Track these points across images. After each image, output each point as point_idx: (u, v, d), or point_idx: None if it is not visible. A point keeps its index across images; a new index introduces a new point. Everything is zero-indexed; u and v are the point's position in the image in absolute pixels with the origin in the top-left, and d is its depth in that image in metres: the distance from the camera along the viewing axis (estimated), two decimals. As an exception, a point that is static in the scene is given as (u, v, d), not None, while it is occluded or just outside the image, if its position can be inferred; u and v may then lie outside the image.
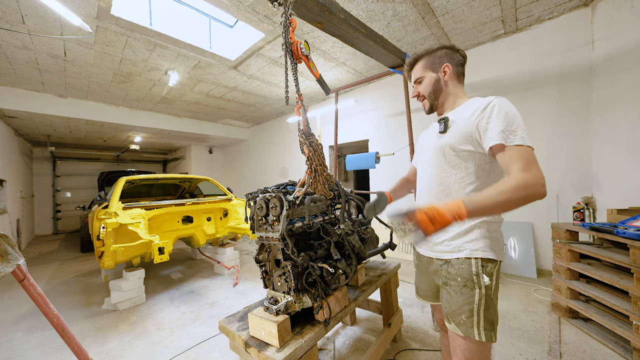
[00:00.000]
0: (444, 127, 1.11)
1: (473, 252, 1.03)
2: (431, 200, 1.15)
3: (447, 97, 1.19)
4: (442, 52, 1.18)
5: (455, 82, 1.18)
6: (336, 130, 3.57)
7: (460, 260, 1.05)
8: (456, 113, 1.12)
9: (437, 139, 1.14)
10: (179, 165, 10.48)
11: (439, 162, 1.12)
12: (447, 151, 1.09)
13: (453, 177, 1.09)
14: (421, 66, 1.21)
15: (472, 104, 1.07)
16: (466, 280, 1.03)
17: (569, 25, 3.17)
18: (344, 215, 1.55)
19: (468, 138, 1.03)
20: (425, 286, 1.31)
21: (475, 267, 1.02)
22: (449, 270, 1.08)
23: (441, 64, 1.17)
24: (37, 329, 2.60)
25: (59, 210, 8.93)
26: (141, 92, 5.11)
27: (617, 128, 2.80)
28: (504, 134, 0.94)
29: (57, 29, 3.02)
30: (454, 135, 1.07)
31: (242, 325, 1.36)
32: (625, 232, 1.88)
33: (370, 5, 2.87)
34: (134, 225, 2.69)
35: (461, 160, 1.06)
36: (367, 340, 2.23)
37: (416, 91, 1.26)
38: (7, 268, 1.17)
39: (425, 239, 0.89)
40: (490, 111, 0.99)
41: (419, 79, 1.22)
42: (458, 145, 1.06)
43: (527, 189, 0.85)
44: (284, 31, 1.37)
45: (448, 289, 1.09)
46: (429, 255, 1.19)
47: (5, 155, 5.54)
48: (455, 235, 1.07)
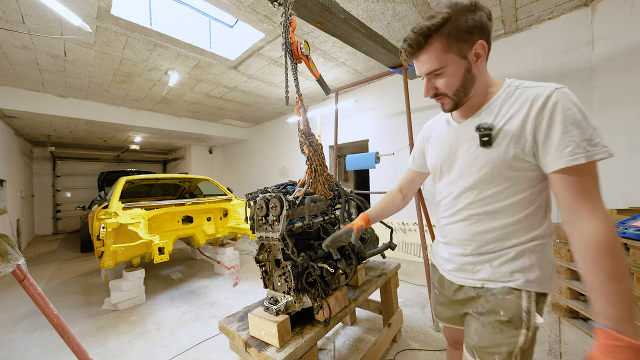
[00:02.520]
0: (489, 139, 0.80)
1: (528, 283, 0.81)
2: (469, 229, 0.90)
3: (478, 89, 0.84)
4: (468, 20, 0.75)
5: (484, 64, 0.83)
6: (336, 130, 3.57)
7: (506, 289, 0.83)
8: (496, 112, 0.82)
9: (478, 154, 0.84)
10: (179, 165, 10.48)
11: (483, 184, 0.85)
12: (497, 172, 0.81)
13: (504, 202, 0.83)
14: (439, 49, 0.78)
15: (520, 98, 0.77)
16: (512, 315, 0.81)
17: (569, 25, 3.17)
18: (344, 215, 1.55)
19: (524, 150, 0.76)
20: (448, 313, 1.07)
21: (527, 301, 0.80)
22: (488, 299, 0.86)
23: (471, 42, 0.77)
24: (37, 329, 2.60)
25: (59, 210, 8.93)
26: (141, 92, 5.11)
27: (617, 128, 2.80)
28: (582, 149, 0.68)
29: (57, 29, 3.02)
30: (506, 149, 0.78)
31: (242, 325, 1.36)
32: (625, 232, 1.88)
33: (370, 5, 2.87)
34: (134, 225, 2.69)
35: (515, 179, 0.80)
36: (367, 340, 2.23)
37: (432, 89, 0.85)
38: (7, 268, 1.17)
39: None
40: (551, 113, 0.71)
41: (438, 70, 0.80)
42: (513, 162, 0.78)
43: (620, 246, 0.65)
44: (284, 31, 1.37)
45: (482, 320, 0.87)
46: (460, 283, 0.96)
47: (5, 155, 5.54)
48: (504, 260, 0.85)
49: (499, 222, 0.84)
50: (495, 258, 0.86)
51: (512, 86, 0.82)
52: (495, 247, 0.86)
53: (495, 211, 0.85)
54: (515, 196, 0.81)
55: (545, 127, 0.72)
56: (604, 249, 0.64)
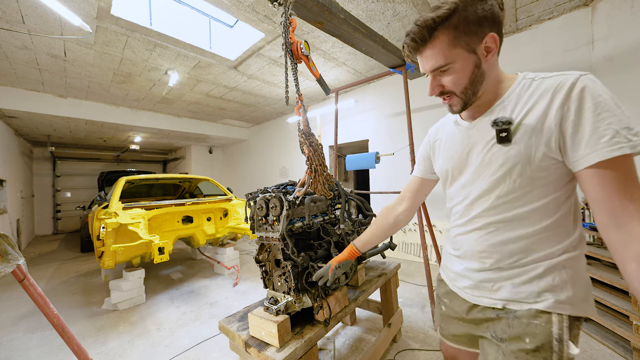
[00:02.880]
0: (507, 135, 0.70)
1: (559, 305, 0.69)
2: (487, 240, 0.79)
3: (488, 86, 0.76)
4: (479, 9, 0.67)
5: (496, 58, 0.75)
6: (336, 130, 3.57)
7: (533, 312, 0.71)
8: (512, 106, 0.72)
9: (495, 153, 0.74)
10: (179, 165, 10.48)
11: (502, 186, 0.74)
12: (517, 171, 0.71)
13: (527, 206, 0.72)
14: (445, 43, 0.70)
15: (539, 88, 0.69)
16: (540, 344, 0.69)
17: (569, 25, 3.17)
18: (344, 215, 1.55)
19: (548, 145, 0.67)
20: (458, 332, 0.94)
21: (559, 327, 0.68)
22: (511, 323, 0.74)
23: (481, 34, 0.69)
24: (37, 329, 2.60)
25: (59, 210, 8.93)
26: (141, 92, 5.11)
27: (617, 128, 2.80)
28: (623, 137, 0.58)
29: (57, 29, 3.02)
30: (527, 144, 0.69)
31: (242, 325, 1.36)
32: (625, 232, 1.88)
33: (370, 5, 2.87)
34: (134, 225, 2.69)
35: (539, 180, 0.70)
36: (367, 340, 2.23)
37: (438, 87, 0.77)
38: (7, 268, 1.17)
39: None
40: (579, 101, 0.63)
41: (444, 67, 0.72)
42: (536, 160, 0.68)
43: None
44: (284, 31, 1.37)
45: (503, 348, 0.74)
46: (478, 302, 0.83)
47: (5, 155, 5.54)
48: (530, 277, 0.73)
49: (522, 231, 0.73)
50: (519, 274, 0.74)
51: (527, 79, 0.74)
52: (518, 261, 0.74)
53: (516, 218, 0.74)
54: (539, 200, 0.71)
55: (574, 117, 0.63)
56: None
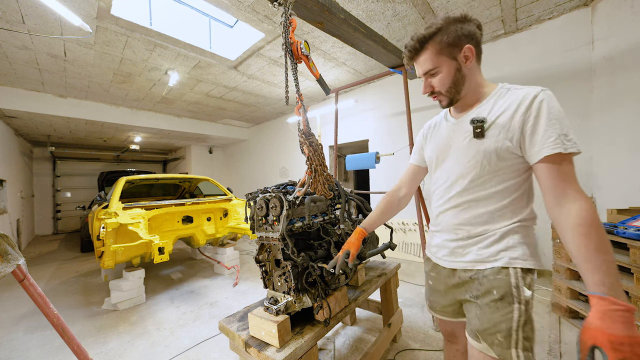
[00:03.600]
0: (481, 131, 0.91)
1: (512, 260, 0.89)
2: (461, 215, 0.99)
3: (469, 88, 0.96)
4: (457, 28, 0.90)
5: (476, 66, 0.95)
6: (336, 130, 3.57)
7: (496, 269, 0.91)
8: (489, 109, 0.92)
9: (471, 145, 0.94)
10: (179, 165, 10.48)
11: (474, 172, 0.94)
12: (487, 160, 0.91)
13: (492, 189, 0.92)
14: (433, 52, 0.93)
15: (510, 97, 0.89)
16: (504, 293, 0.88)
17: (569, 25, 3.17)
18: (344, 215, 1.55)
19: (512, 141, 0.87)
20: (445, 301, 1.12)
21: (515, 278, 0.88)
22: (481, 282, 0.93)
23: (460, 46, 0.90)
24: (37, 329, 2.60)
25: (59, 210, 8.93)
26: (141, 92, 5.11)
27: (617, 128, 2.80)
28: (561, 140, 0.79)
29: (57, 29, 3.02)
30: (496, 140, 0.88)
31: (242, 325, 1.36)
32: (625, 232, 1.88)
33: (370, 5, 2.87)
34: (134, 225, 2.69)
35: (503, 169, 0.90)
36: (367, 340, 2.23)
37: (429, 86, 0.99)
38: (7, 268, 1.17)
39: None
40: (538, 109, 0.82)
41: (432, 70, 0.95)
42: (502, 152, 0.88)
43: (600, 224, 0.73)
44: (284, 31, 1.37)
45: (479, 302, 0.93)
46: (452, 267, 1.03)
47: (5, 155, 5.54)
48: (490, 242, 0.93)
49: (488, 208, 0.94)
50: (482, 241, 0.95)
51: (504, 88, 0.94)
52: (483, 230, 0.95)
53: (484, 197, 0.94)
54: (502, 184, 0.91)
55: (533, 121, 0.83)
56: (591, 224, 0.72)
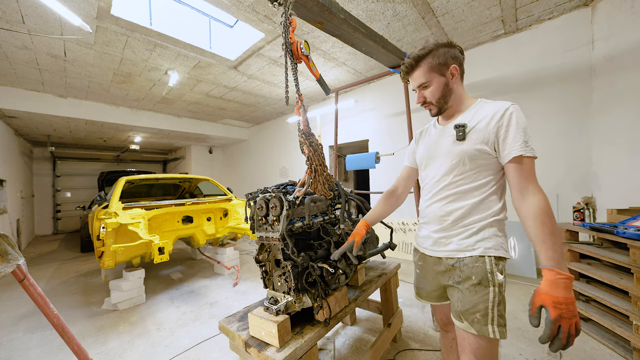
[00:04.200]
0: (462, 134, 1.09)
1: (487, 250, 1.05)
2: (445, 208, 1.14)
3: (455, 99, 1.16)
4: (445, 51, 1.11)
5: (459, 82, 1.16)
6: (336, 130, 3.57)
7: (474, 258, 1.06)
8: (470, 117, 1.11)
9: (454, 146, 1.11)
10: (179, 165, 10.47)
11: (457, 169, 1.11)
12: (467, 159, 1.08)
13: (472, 184, 1.09)
14: (425, 70, 1.13)
15: (487, 109, 1.08)
16: (481, 278, 1.04)
17: (569, 25, 3.17)
18: (344, 215, 1.55)
19: (487, 144, 1.04)
20: (430, 287, 1.28)
21: (490, 265, 1.03)
22: (462, 269, 1.08)
23: (447, 65, 1.11)
24: (37, 329, 2.60)
25: (59, 210, 8.92)
26: (141, 92, 5.11)
27: (617, 128, 2.80)
28: (526, 146, 0.97)
29: (57, 29, 3.02)
30: (475, 142, 1.06)
31: (242, 325, 1.36)
32: (625, 232, 1.88)
33: (370, 5, 2.87)
34: (134, 225, 2.68)
35: (480, 167, 1.08)
36: (367, 340, 2.23)
37: (422, 97, 1.18)
38: (7, 268, 1.17)
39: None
40: (509, 119, 1.01)
41: (425, 83, 1.14)
42: (479, 152, 1.05)
43: (553, 214, 0.93)
44: (284, 31, 1.37)
45: (460, 287, 1.08)
46: (437, 255, 1.18)
47: (5, 155, 5.54)
48: (469, 234, 1.09)
49: (467, 201, 1.09)
50: (462, 232, 1.10)
51: (482, 102, 1.14)
52: (463, 222, 1.10)
53: (464, 192, 1.10)
54: (480, 180, 1.08)
55: (505, 128, 1.01)
56: (546, 214, 0.92)
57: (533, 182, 0.97)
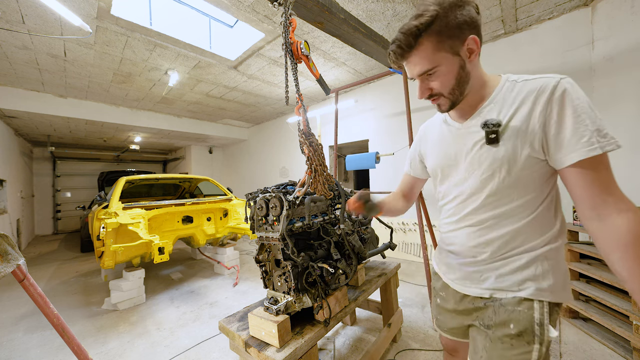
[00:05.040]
0: (496, 136, 0.74)
1: (540, 292, 0.75)
2: (478, 236, 0.84)
3: (473, 86, 0.79)
4: (457, 15, 0.70)
5: (478, 59, 0.79)
6: (336, 130, 3.57)
7: (516, 299, 0.77)
8: (498, 109, 0.76)
9: (485, 153, 0.78)
10: (179, 165, 10.47)
11: (492, 184, 0.78)
12: (505, 170, 0.75)
13: (515, 202, 0.77)
14: (431, 47, 0.73)
15: (523, 90, 0.73)
16: (523, 329, 0.74)
17: (569, 25, 3.17)
18: (344, 215, 1.55)
19: (532, 145, 0.71)
20: (452, 324, 0.99)
21: (540, 313, 0.74)
22: (496, 310, 0.80)
23: (462, 37, 0.72)
24: (37, 329, 2.60)
25: (59, 210, 8.92)
26: (141, 92, 5.11)
27: (617, 128, 2.80)
28: (596, 139, 0.64)
29: (57, 29, 3.02)
30: (514, 145, 0.73)
31: (242, 325, 1.36)
32: (625, 232, 1.88)
33: (370, 5, 2.87)
34: (134, 225, 2.68)
35: (525, 177, 0.75)
36: (367, 340, 2.23)
37: (427, 89, 0.80)
38: (7, 268, 1.17)
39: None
40: (560, 103, 0.67)
41: (432, 69, 0.76)
42: (524, 159, 0.73)
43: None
44: (284, 31, 1.37)
45: (490, 334, 0.80)
46: (467, 292, 0.89)
47: (5, 155, 5.54)
48: (515, 268, 0.78)
49: (509, 227, 0.78)
50: (504, 265, 0.80)
51: (510, 81, 0.78)
52: (505, 253, 0.80)
53: (504, 214, 0.79)
54: (524, 197, 0.76)
55: (556, 118, 0.68)
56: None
57: (613, 193, 0.64)
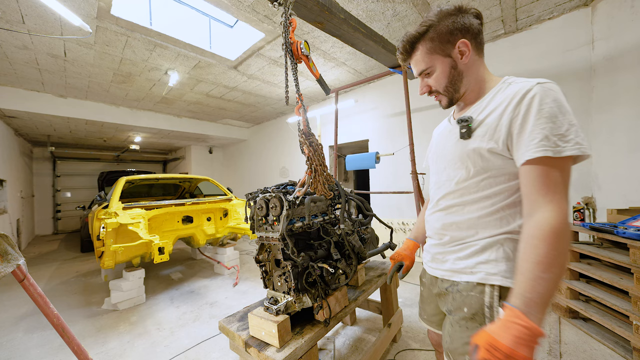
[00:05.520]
0: (467, 131, 0.83)
1: (490, 276, 0.79)
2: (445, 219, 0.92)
3: (469, 84, 0.87)
4: (449, 23, 0.82)
5: (476, 59, 0.86)
6: (336, 130, 3.57)
7: (470, 285, 0.82)
8: (483, 106, 0.84)
9: (458, 146, 0.87)
10: (179, 165, 10.47)
11: (460, 175, 0.87)
12: (471, 162, 0.83)
13: (478, 193, 0.84)
14: (424, 51, 0.86)
15: (505, 92, 0.79)
16: (474, 312, 0.80)
17: (569, 25, 3.17)
18: (344, 215, 1.55)
19: (498, 142, 0.77)
20: (430, 310, 1.06)
21: (490, 296, 0.78)
22: (454, 296, 0.86)
23: (454, 41, 0.83)
24: (37, 329, 2.60)
25: (59, 210, 8.92)
26: (141, 92, 5.11)
27: (617, 128, 2.80)
28: (549, 142, 0.67)
29: (57, 29, 3.02)
30: (482, 140, 0.80)
31: (242, 325, 1.36)
32: (625, 232, 1.88)
33: (370, 5, 2.87)
34: (134, 225, 2.68)
35: (491, 171, 0.81)
36: (367, 340, 2.23)
37: (426, 87, 0.93)
38: (7, 268, 1.17)
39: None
40: (528, 106, 0.71)
41: (426, 70, 0.88)
42: (488, 154, 0.79)
43: (565, 239, 0.64)
44: (284, 31, 1.38)
45: (451, 319, 0.87)
46: (433, 274, 0.97)
47: (5, 155, 5.54)
48: (469, 253, 0.85)
49: (473, 214, 0.85)
50: (462, 249, 0.87)
51: (505, 82, 0.83)
52: (465, 238, 0.87)
53: (467, 203, 0.86)
54: (491, 188, 0.81)
55: (520, 120, 0.72)
56: (545, 237, 0.64)
57: (548, 194, 0.67)
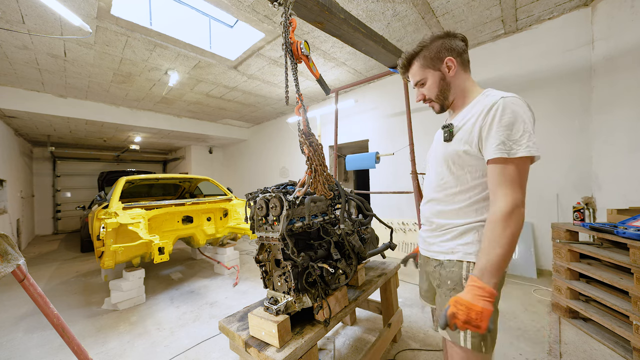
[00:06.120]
0: (449, 135, 1.01)
1: (466, 255, 0.99)
2: (433, 209, 1.11)
3: (456, 93, 1.08)
4: (439, 44, 1.04)
5: (461, 74, 1.07)
6: (336, 130, 3.57)
7: (452, 262, 1.02)
8: (464, 114, 1.02)
9: (443, 147, 1.05)
10: (179, 165, 10.47)
11: (444, 172, 1.05)
12: (451, 161, 1.02)
13: (458, 187, 1.02)
14: (419, 66, 1.09)
15: (480, 103, 0.98)
16: (455, 284, 1.00)
17: (569, 25, 3.17)
18: (344, 215, 1.55)
19: (472, 145, 0.95)
20: (425, 287, 1.25)
21: (466, 270, 0.98)
22: (441, 272, 1.06)
23: (442, 58, 1.04)
24: (37, 329, 2.60)
25: (59, 210, 8.92)
26: (141, 92, 5.11)
27: (617, 128, 2.80)
28: (505, 146, 0.86)
29: (57, 29, 3.02)
30: (459, 143, 0.98)
31: (242, 325, 1.36)
32: (625, 232, 1.88)
33: (370, 5, 2.87)
34: (134, 225, 2.68)
35: (468, 169, 0.99)
36: (367, 340, 2.23)
37: (420, 95, 1.14)
38: (7, 268, 1.17)
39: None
40: (493, 116, 0.90)
41: (421, 81, 1.10)
42: (464, 154, 0.97)
43: (514, 222, 0.83)
44: (284, 31, 1.37)
45: (440, 291, 1.06)
46: (426, 255, 1.17)
47: (5, 155, 5.54)
48: (452, 236, 1.04)
49: (454, 205, 1.03)
50: (444, 234, 1.06)
51: (484, 94, 1.00)
52: (448, 225, 1.05)
53: (452, 195, 1.04)
54: (468, 183, 1.00)
55: (487, 127, 0.91)
56: (497, 221, 0.84)
57: (504, 188, 0.86)
